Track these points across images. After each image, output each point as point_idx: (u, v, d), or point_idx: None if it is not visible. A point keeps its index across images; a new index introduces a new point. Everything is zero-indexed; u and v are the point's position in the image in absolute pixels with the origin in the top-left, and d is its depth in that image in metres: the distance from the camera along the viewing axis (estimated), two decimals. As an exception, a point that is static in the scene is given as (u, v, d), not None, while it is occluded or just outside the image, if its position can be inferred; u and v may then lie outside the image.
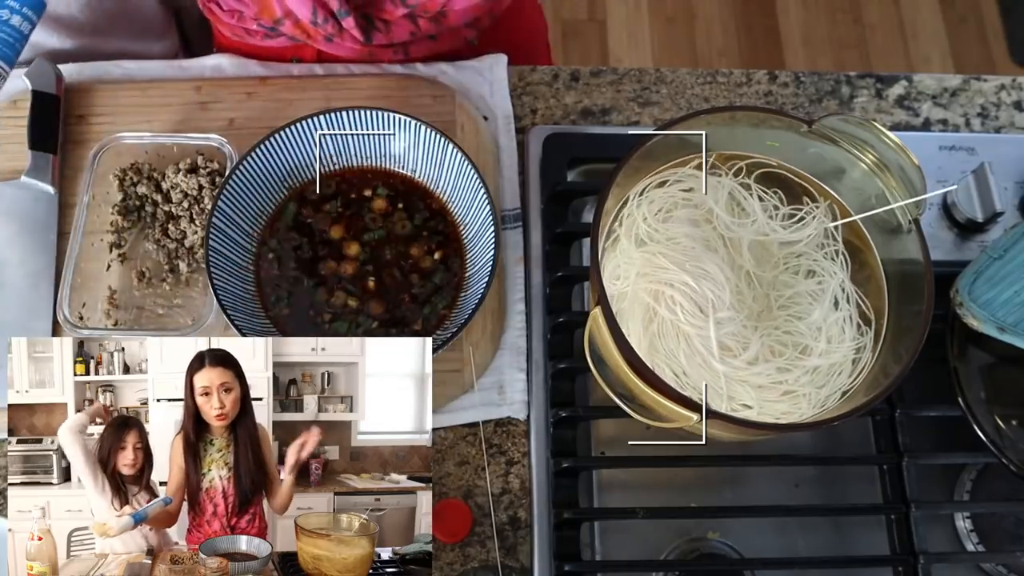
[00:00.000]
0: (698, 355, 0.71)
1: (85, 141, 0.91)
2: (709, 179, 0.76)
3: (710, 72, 0.99)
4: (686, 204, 0.76)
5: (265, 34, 0.94)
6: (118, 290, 0.86)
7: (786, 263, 0.76)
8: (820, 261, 0.75)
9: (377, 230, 0.86)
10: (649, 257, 0.73)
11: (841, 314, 0.73)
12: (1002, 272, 0.80)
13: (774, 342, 0.73)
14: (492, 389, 0.84)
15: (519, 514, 0.82)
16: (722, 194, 0.76)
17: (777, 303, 0.75)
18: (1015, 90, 1.00)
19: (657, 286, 0.72)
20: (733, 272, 0.74)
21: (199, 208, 0.88)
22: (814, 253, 0.76)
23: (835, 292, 0.74)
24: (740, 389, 0.71)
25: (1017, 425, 0.81)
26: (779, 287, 0.75)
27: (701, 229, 0.75)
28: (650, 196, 0.76)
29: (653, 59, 2.24)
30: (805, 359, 0.72)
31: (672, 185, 0.77)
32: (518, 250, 0.89)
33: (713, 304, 0.70)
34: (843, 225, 0.77)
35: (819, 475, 0.88)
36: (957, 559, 0.84)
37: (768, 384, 0.71)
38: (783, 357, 0.72)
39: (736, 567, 0.82)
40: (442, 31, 0.94)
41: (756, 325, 0.73)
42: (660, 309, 0.72)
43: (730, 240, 0.75)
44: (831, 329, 0.73)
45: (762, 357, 0.72)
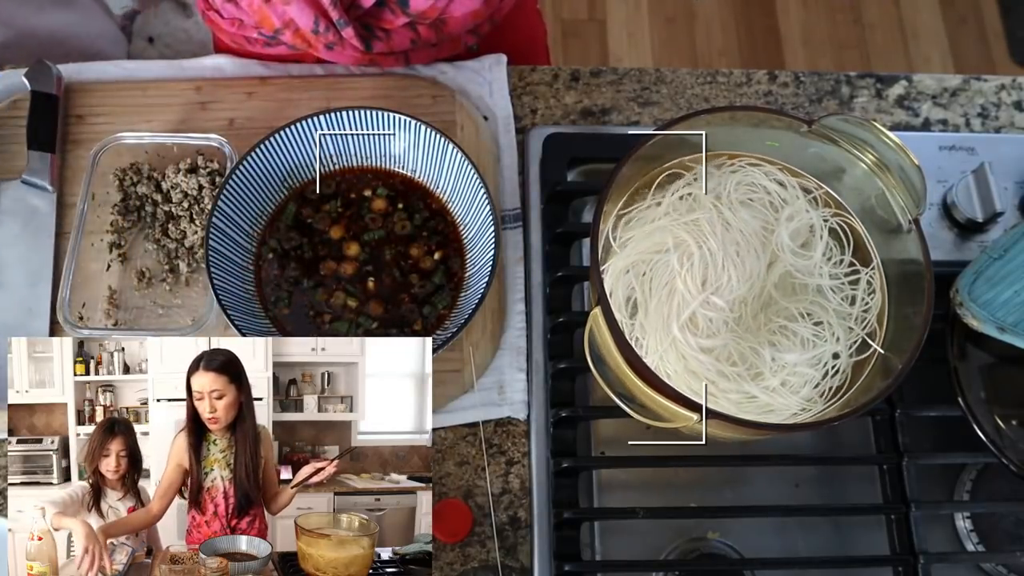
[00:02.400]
0: (666, 313, 0.70)
1: (85, 141, 0.91)
2: (799, 202, 0.75)
3: (710, 72, 0.99)
4: (756, 205, 0.76)
5: (265, 43, 0.94)
6: (118, 290, 0.86)
7: (799, 298, 0.74)
8: (832, 323, 0.73)
9: (377, 230, 0.86)
10: (702, 217, 0.73)
11: (813, 373, 0.72)
12: (1002, 272, 0.80)
13: (740, 349, 0.72)
14: (492, 389, 0.84)
15: (519, 514, 0.82)
16: (803, 223, 0.74)
17: (767, 325, 0.73)
18: (1015, 90, 1.00)
19: (686, 234, 0.72)
20: (757, 280, 0.73)
21: (199, 208, 0.88)
22: (830, 304, 0.74)
23: (823, 355, 0.72)
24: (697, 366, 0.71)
25: (1017, 425, 0.81)
26: (780, 313, 0.74)
27: (758, 235, 0.74)
28: (737, 177, 0.76)
29: (653, 59, 2.24)
30: (749, 383, 0.70)
31: (752, 173, 0.76)
32: (518, 250, 0.89)
33: (718, 287, 0.70)
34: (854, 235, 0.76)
35: (819, 475, 0.88)
36: (957, 559, 0.84)
37: (705, 377, 0.71)
38: (733, 367, 0.71)
39: (736, 567, 0.82)
40: (442, 38, 0.94)
41: (735, 328, 0.72)
42: (672, 252, 0.71)
43: (775, 258, 0.74)
44: (793, 377, 0.71)
45: (720, 353, 0.71)
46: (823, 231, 0.75)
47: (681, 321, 0.70)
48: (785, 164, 0.77)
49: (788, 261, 0.73)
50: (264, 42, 0.94)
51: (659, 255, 0.73)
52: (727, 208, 0.74)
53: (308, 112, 0.84)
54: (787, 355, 0.71)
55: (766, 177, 0.76)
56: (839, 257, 0.76)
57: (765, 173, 0.77)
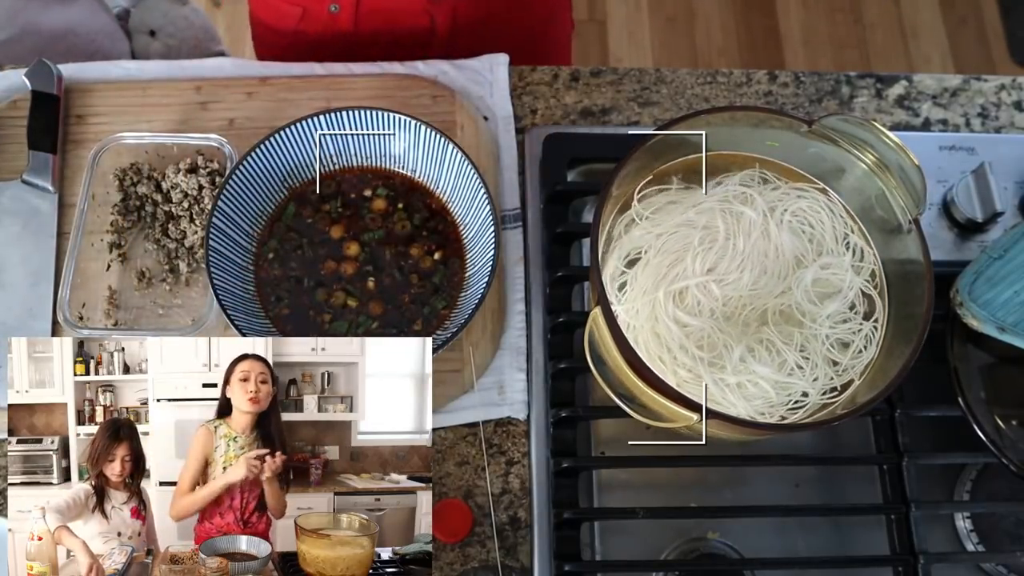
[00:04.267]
0: (661, 275, 0.71)
1: (85, 141, 0.91)
2: (843, 259, 0.74)
3: (710, 72, 0.99)
4: (804, 236, 0.75)
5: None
6: (118, 290, 0.86)
7: (796, 329, 0.73)
8: (818, 364, 0.72)
9: (377, 230, 0.86)
10: (748, 214, 0.73)
11: (772, 395, 0.71)
12: (1002, 272, 0.80)
13: (713, 339, 0.71)
14: (492, 389, 0.84)
15: (519, 514, 0.82)
16: (834, 278, 0.74)
17: (755, 333, 0.73)
18: (1015, 90, 1.00)
19: (722, 222, 0.73)
20: (763, 297, 0.73)
21: (199, 208, 0.88)
22: (821, 348, 0.73)
23: (793, 387, 0.71)
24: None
25: (1017, 425, 0.81)
26: (774, 330, 0.73)
27: (788, 262, 0.74)
28: (802, 204, 0.75)
29: (653, 59, 2.24)
30: (706, 369, 0.70)
31: (819, 209, 0.76)
32: (518, 250, 0.89)
33: (722, 279, 0.71)
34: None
35: (819, 475, 0.88)
36: (957, 559, 0.84)
37: (667, 346, 0.71)
38: (699, 349, 0.71)
39: (736, 567, 0.82)
40: None
41: (720, 321, 0.72)
42: (698, 231, 0.72)
43: (787, 288, 0.74)
44: (752, 387, 0.71)
45: (693, 333, 0.71)
46: (847, 295, 0.73)
47: (671, 288, 0.71)
48: (785, 164, 0.78)
49: (798, 298, 0.73)
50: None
51: (685, 228, 0.74)
52: (775, 223, 0.74)
53: (308, 112, 0.84)
54: (758, 366, 0.70)
55: (828, 219, 0.76)
56: (847, 317, 0.74)
57: (831, 212, 0.76)
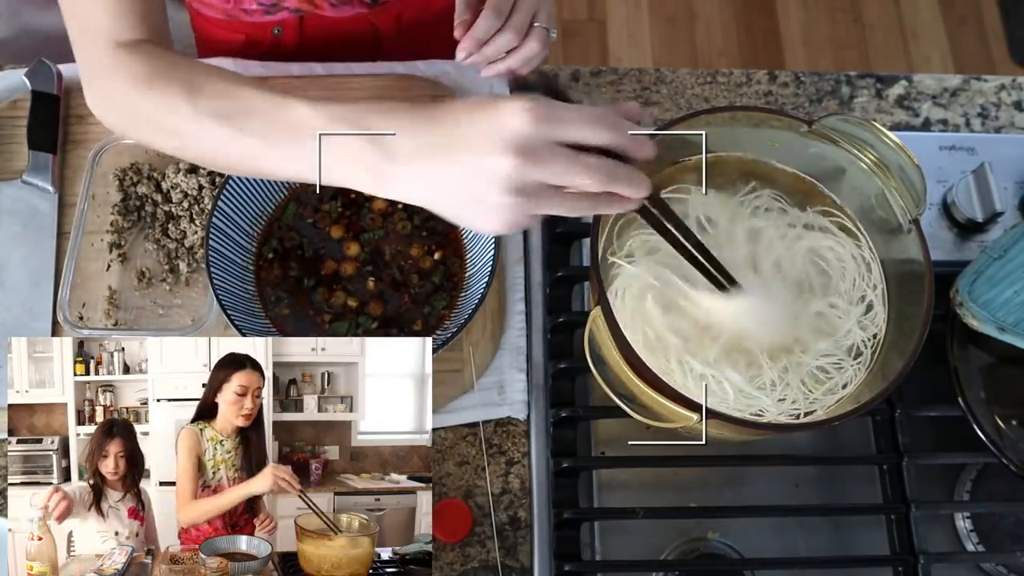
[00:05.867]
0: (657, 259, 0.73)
1: (85, 141, 0.91)
2: (852, 313, 0.73)
3: (710, 72, 0.99)
4: (813, 270, 0.75)
5: (265, 11, 0.94)
6: (118, 290, 0.86)
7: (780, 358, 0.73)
8: (794, 389, 0.72)
9: (377, 230, 0.86)
10: (766, 229, 0.75)
11: (731, 397, 0.70)
12: (1002, 272, 0.80)
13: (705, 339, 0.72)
14: (492, 389, 0.84)
15: (519, 514, 0.82)
16: (830, 325, 0.73)
17: (742, 344, 0.73)
18: (1015, 90, 1.00)
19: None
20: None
21: (199, 208, 0.88)
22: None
23: (758, 404, 0.70)
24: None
25: (1017, 425, 0.81)
26: (756, 349, 0.73)
27: (789, 291, 0.74)
28: (828, 243, 0.76)
29: (653, 59, 2.24)
30: (683, 354, 0.71)
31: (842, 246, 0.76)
32: (518, 250, 0.89)
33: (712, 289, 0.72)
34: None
35: (819, 475, 0.88)
36: (957, 559, 0.84)
37: (666, 336, 0.72)
38: (671, 333, 0.71)
39: (736, 567, 0.82)
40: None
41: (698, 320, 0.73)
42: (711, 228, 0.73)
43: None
44: (711, 382, 0.70)
45: (671, 322, 0.72)
46: (842, 343, 0.72)
47: (662, 278, 0.71)
48: (785, 164, 0.78)
49: (802, 330, 0.73)
50: (264, 10, 0.93)
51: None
52: (787, 248, 0.74)
53: (308, 112, 0.83)
54: (730, 370, 0.70)
55: (853, 266, 0.75)
56: (839, 358, 0.73)
57: (854, 257, 0.75)
